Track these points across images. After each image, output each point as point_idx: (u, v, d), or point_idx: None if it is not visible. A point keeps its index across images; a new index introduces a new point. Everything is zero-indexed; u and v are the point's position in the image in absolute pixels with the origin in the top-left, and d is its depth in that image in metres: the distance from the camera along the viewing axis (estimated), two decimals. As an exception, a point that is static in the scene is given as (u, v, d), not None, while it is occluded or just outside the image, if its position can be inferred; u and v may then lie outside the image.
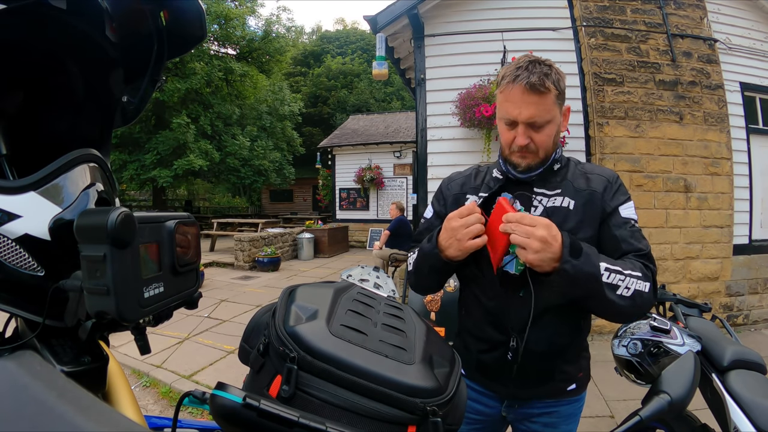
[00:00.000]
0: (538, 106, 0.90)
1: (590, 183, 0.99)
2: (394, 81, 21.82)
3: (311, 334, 0.40)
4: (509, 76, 0.91)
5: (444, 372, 0.45)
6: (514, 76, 0.90)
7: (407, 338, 0.47)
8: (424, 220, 1.16)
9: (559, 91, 0.92)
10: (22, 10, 0.44)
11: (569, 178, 1.00)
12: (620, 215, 0.96)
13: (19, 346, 0.47)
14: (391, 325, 0.48)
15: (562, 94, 0.93)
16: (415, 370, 0.41)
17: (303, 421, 0.32)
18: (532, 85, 0.88)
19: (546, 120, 0.92)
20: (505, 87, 0.92)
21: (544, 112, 0.91)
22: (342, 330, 0.42)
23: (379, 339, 0.44)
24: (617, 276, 0.83)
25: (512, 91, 0.91)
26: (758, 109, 4.55)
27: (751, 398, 1.11)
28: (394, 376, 0.39)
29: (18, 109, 0.55)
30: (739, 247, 4.24)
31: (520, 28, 4.24)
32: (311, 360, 0.39)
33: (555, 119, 0.93)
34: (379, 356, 0.41)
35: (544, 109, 0.91)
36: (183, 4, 0.57)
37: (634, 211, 0.98)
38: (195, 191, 23.83)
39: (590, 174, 1.01)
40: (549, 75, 0.89)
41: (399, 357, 0.42)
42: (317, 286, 0.53)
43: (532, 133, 0.93)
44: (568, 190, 0.99)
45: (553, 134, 0.95)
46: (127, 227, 0.38)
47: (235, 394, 0.33)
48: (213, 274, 7.42)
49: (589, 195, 0.97)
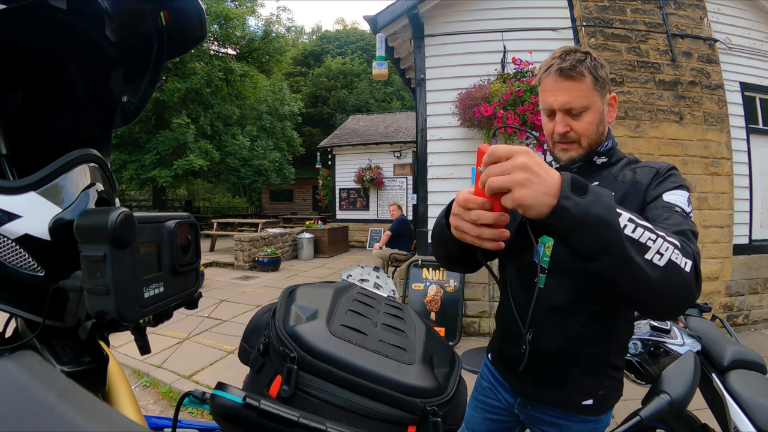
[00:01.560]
0: (573, 91, 0.88)
1: (636, 175, 0.91)
2: (394, 81, 21.82)
3: (311, 334, 0.40)
4: (544, 67, 0.91)
5: (444, 372, 0.45)
6: (548, 65, 0.90)
7: (407, 338, 0.47)
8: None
9: (597, 78, 0.89)
10: (22, 10, 0.44)
11: (613, 172, 0.95)
12: (662, 200, 0.83)
13: (19, 346, 0.47)
14: (391, 325, 0.48)
15: (602, 81, 0.90)
16: (415, 370, 0.41)
17: (303, 421, 0.32)
18: (563, 70, 0.87)
19: (583, 106, 0.89)
20: (542, 78, 0.92)
21: (580, 98, 0.88)
22: (342, 330, 0.43)
23: (379, 339, 0.44)
24: (646, 233, 0.62)
25: (547, 79, 0.90)
26: (758, 109, 4.55)
27: (751, 398, 1.11)
28: (394, 376, 0.39)
29: (18, 109, 0.55)
30: (739, 247, 4.24)
31: (520, 28, 4.23)
32: (311, 360, 0.39)
33: (594, 106, 0.90)
34: (379, 356, 0.41)
35: (580, 95, 0.88)
36: (183, 4, 0.57)
37: (687, 201, 0.83)
38: (195, 191, 23.82)
39: (640, 167, 0.93)
40: (583, 61, 0.88)
41: (399, 357, 0.42)
42: (317, 286, 0.53)
43: (571, 120, 0.90)
44: (607, 181, 0.93)
45: (594, 122, 0.91)
46: (127, 227, 0.38)
47: (235, 394, 0.33)
48: (213, 274, 7.42)
49: (631, 186, 0.89)
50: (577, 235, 0.61)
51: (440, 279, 4.19)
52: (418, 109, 4.53)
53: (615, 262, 0.62)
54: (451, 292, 4.14)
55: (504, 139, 3.98)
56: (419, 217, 4.57)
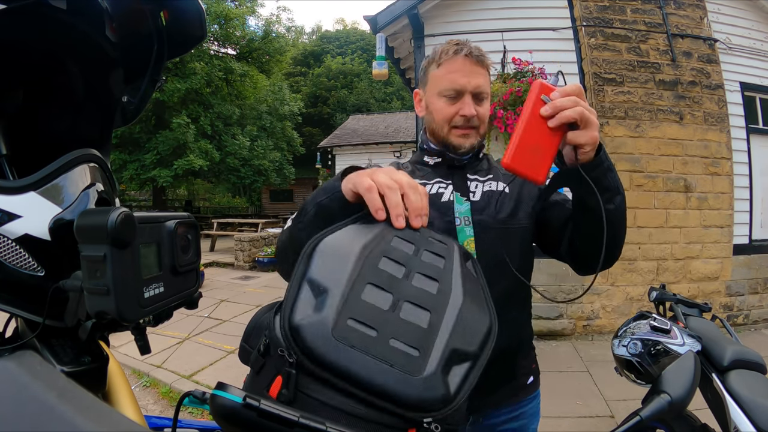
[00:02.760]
0: (484, 77, 0.90)
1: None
2: (394, 81, 21.82)
3: (312, 335, 0.39)
4: (449, 51, 0.90)
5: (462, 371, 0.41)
6: (456, 49, 0.89)
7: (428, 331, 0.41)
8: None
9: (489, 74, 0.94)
10: (22, 10, 0.44)
11: (494, 165, 1.00)
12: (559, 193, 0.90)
13: (19, 346, 0.47)
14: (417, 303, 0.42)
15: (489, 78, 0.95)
16: (423, 382, 0.38)
17: (303, 421, 0.32)
18: (477, 56, 0.88)
19: (487, 93, 0.91)
20: (448, 60, 0.90)
21: (486, 85, 0.91)
22: (348, 331, 0.40)
23: (390, 336, 0.40)
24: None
25: (457, 61, 0.88)
26: (758, 109, 4.55)
27: (751, 398, 1.11)
28: (395, 390, 0.37)
29: (18, 109, 0.55)
30: (739, 247, 4.24)
31: (520, 28, 4.23)
32: (309, 364, 0.38)
33: (489, 97, 0.93)
34: (383, 365, 0.38)
35: (486, 82, 0.91)
36: (183, 4, 0.57)
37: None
38: (195, 191, 23.82)
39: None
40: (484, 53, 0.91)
41: (407, 366, 0.38)
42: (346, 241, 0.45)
43: (477, 106, 0.90)
44: (499, 175, 0.97)
45: (488, 113, 0.94)
46: (127, 227, 0.38)
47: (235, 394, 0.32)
48: (213, 274, 7.42)
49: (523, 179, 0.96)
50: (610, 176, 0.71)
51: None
52: (418, 109, 4.53)
53: (622, 201, 0.73)
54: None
55: (505, 138, 3.98)
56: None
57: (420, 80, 1.00)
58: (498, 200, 0.92)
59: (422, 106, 0.98)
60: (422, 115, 1.00)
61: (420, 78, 1.00)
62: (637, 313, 1.50)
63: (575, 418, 2.53)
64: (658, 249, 3.92)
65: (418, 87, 1.00)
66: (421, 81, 0.99)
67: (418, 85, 1.00)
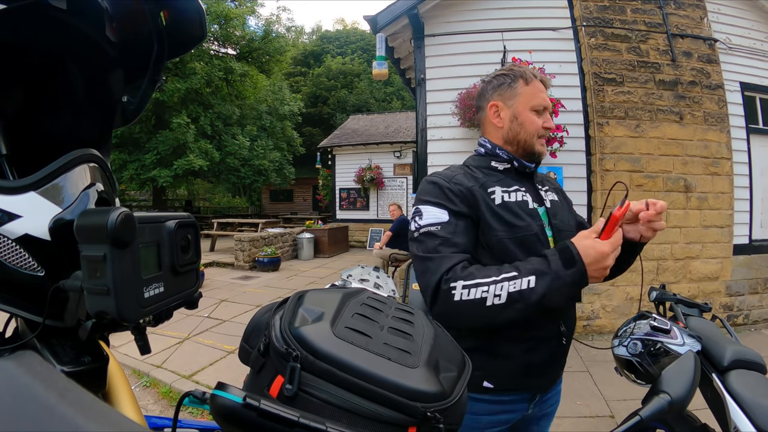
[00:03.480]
0: None
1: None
2: (394, 81, 21.82)
3: (315, 335, 0.40)
4: (529, 73, 1.06)
5: (451, 377, 0.45)
6: (532, 72, 1.06)
7: (413, 342, 0.47)
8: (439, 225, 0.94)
9: None
10: (22, 10, 0.44)
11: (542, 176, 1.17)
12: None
13: (19, 346, 0.47)
14: (398, 328, 0.48)
15: None
16: (418, 374, 0.41)
17: (303, 421, 0.32)
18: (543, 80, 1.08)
19: None
20: (533, 81, 1.06)
21: None
22: (346, 332, 0.42)
23: (383, 342, 0.44)
24: None
25: (538, 83, 1.06)
26: (758, 109, 4.55)
27: (751, 398, 1.11)
28: (395, 379, 0.39)
29: (18, 109, 0.55)
30: (739, 247, 4.24)
31: (520, 28, 4.24)
32: (313, 360, 0.39)
33: None
34: (382, 359, 0.41)
35: None
36: (183, 4, 0.57)
37: None
38: (195, 191, 23.83)
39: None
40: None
41: (402, 360, 0.42)
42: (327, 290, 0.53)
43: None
44: (550, 185, 1.14)
45: None
46: (127, 227, 0.38)
47: (235, 394, 0.33)
48: (213, 274, 7.43)
49: (559, 188, 1.16)
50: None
51: (440, 279, 4.19)
52: (418, 109, 4.53)
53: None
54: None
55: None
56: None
57: (500, 94, 1.07)
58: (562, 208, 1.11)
59: (502, 117, 1.07)
60: (501, 125, 1.07)
61: (501, 92, 1.07)
62: (637, 313, 1.50)
63: (575, 418, 2.53)
64: (658, 249, 3.92)
65: (494, 99, 1.08)
66: (501, 95, 1.07)
67: (493, 97, 1.08)
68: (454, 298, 0.85)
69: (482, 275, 0.86)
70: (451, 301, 0.85)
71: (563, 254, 0.84)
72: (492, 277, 0.84)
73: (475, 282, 0.84)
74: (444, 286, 0.86)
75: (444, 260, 0.89)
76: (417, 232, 0.96)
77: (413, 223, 0.98)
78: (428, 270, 0.90)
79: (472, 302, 0.84)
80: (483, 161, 1.09)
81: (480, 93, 1.13)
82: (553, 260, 0.84)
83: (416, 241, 0.96)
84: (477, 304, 0.83)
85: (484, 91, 1.11)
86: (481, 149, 1.12)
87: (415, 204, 1.02)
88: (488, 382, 1.00)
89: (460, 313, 0.86)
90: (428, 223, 0.95)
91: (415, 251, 0.96)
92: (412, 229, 0.98)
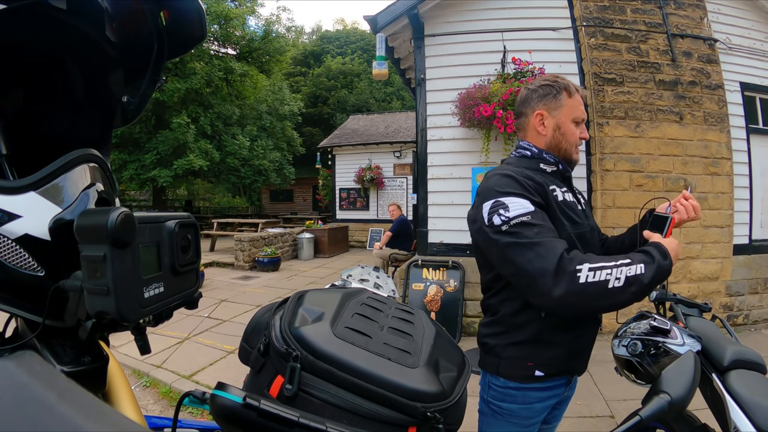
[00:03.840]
0: None
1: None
2: (394, 81, 21.82)
3: (315, 335, 0.40)
4: (572, 86, 1.13)
5: (450, 377, 0.45)
6: (576, 87, 1.13)
7: (413, 342, 0.47)
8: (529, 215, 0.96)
9: None
10: (22, 10, 0.44)
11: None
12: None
13: (19, 346, 0.47)
14: (398, 328, 0.48)
15: None
16: (418, 374, 0.41)
17: (303, 421, 0.32)
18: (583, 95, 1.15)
19: None
20: (575, 94, 1.13)
21: None
22: (346, 332, 0.42)
23: (383, 342, 0.44)
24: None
25: (578, 97, 1.13)
26: (758, 109, 4.55)
27: (751, 398, 1.11)
28: (395, 379, 0.39)
29: (18, 109, 0.55)
30: (739, 247, 4.23)
31: (520, 28, 4.23)
32: (313, 360, 0.39)
33: None
34: (382, 359, 0.41)
35: None
36: (183, 4, 0.57)
37: None
38: (195, 191, 23.82)
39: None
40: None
41: (402, 360, 0.42)
42: (327, 291, 0.53)
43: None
44: (574, 187, 1.23)
45: None
46: (127, 227, 0.38)
47: (235, 394, 0.33)
48: (213, 274, 7.42)
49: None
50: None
51: (440, 279, 4.19)
52: (418, 109, 4.53)
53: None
54: (451, 292, 4.14)
55: (504, 138, 3.98)
56: (419, 217, 4.57)
57: (545, 104, 1.14)
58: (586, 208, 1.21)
59: (546, 126, 1.13)
60: (545, 133, 1.14)
61: (547, 102, 1.13)
62: (637, 313, 1.50)
63: (575, 418, 2.53)
64: (658, 249, 3.91)
65: (539, 108, 1.14)
66: (546, 105, 1.13)
67: (538, 106, 1.14)
68: (579, 280, 0.88)
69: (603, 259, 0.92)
70: (576, 282, 0.88)
71: (659, 249, 0.98)
72: (612, 262, 0.91)
73: (600, 265, 0.90)
74: (569, 267, 0.89)
75: (554, 244, 0.92)
76: (506, 225, 0.96)
77: (497, 217, 0.97)
78: (539, 256, 0.91)
79: (596, 284, 0.88)
80: (532, 163, 1.13)
81: (524, 99, 1.17)
82: (654, 253, 0.96)
83: (507, 234, 0.96)
84: (601, 285, 0.88)
85: (528, 99, 1.16)
86: (526, 152, 1.16)
87: (490, 198, 1.01)
88: (539, 370, 1.07)
89: (586, 294, 0.88)
90: (518, 213, 0.97)
91: (507, 241, 0.95)
92: (498, 222, 0.97)
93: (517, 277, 0.96)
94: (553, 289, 0.88)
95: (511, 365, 1.09)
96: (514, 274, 0.96)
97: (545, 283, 0.90)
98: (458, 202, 4.30)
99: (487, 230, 0.99)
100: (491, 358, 1.13)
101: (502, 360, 1.10)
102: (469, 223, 1.11)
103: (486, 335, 1.16)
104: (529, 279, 0.92)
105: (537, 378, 1.08)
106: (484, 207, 1.01)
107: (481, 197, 1.05)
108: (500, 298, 1.12)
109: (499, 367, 1.11)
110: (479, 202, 1.04)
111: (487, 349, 1.16)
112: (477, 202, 1.06)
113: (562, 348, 1.08)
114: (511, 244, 0.95)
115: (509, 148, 3.94)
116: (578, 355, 1.13)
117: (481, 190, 1.07)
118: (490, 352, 1.14)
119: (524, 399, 1.10)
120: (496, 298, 1.13)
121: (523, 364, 1.08)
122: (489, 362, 1.14)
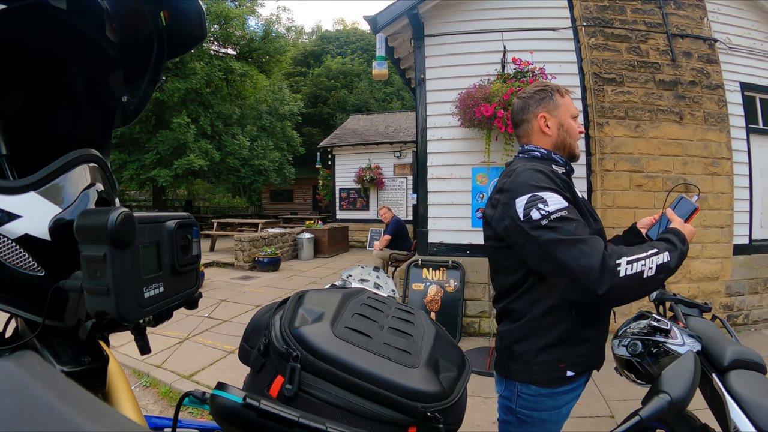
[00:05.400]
0: None
1: None
2: (394, 81, 21.81)
3: (314, 335, 0.40)
4: (562, 88, 1.20)
5: (450, 377, 0.45)
6: (564, 88, 1.20)
7: (414, 342, 0.47)
8: (566, 209, 0.97)
9: None
10: (22, 10, 0.44)
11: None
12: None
13: (19, 346, 0.47)
14: (398, 328, 0.48)
15: None
16: (418, 374, 0.41)
17: (303, 421, 0.32)
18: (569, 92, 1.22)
19: None
20: (566, 94, 1.20)
21: None
22: (346, 332, 0.42)
23: (383, 342, 0.44)
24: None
25: (569, 96, 1.20)
26: (758, 109, 4.55)
27: (751, 398, 1.11)
28: (395, 379, 0.39)
29: (18, 109, 0.55)
30: (739, 247, 4.23)
31: (520, 28, 4.23)
32: (313, 360, 0.39)
33: None
34: (382, 359, 0.41)
35: None
36: (183, 4, 0.57)
37: None
38: (195, 191, 23.80)
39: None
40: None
41: (402, 360, 0.42)
42: (327, 291, 0.53)
43: None
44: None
45: None
46: (127, 227, 0.38)
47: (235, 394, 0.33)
48: (213, 274, 7.42)
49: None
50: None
51: (440, 279, 4.19)
52: (418, 109, 4.53)
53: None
54: (451, 292, 4.14)
55: (505, 138, 3.98)
56: (419, 217, 4.57)
57: (545, 107, 1.18)
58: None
59: (551, 126, 1.18)
60: (551, 133, 1.18)
61: (546, 105, 1.18)
62: (637, 313, 1.50)
63: (575, 418, 2.53)
64: (658, 249, 3.91)
65: (541, 111, 1.18)
66: (546, 107, 1.18)
67: (539, 110, 1.19)
68: (620, 275, 0.90)
69: (635, 251, 0.95)
70: (617, 277, 0.90)
71: (678, 235, 1.03)
72: (643, 253, 0.94)
73: (635, 257, 0.92)
74: (610, 262, 0.90)
75: (595, 241, 0.94)
76: (546, 219, 0.95)
77: (536, 211, 0.96)
78: (584, 253, 0.91)
79: (634, 276, 0.91)
80: (547, 166, 1.13)
81: (522, 107, 1.21)
82: (675, 240, 1.01)
83: (547, 229, 0.95)
84: (637, 277, 0.91)
85: (526, 106, 1.20)
86: (536, 153, 1.18)
87: (524, 192, 1.00)
88: (570, 370, 1.07)
89: (627, 286, 0.91)
90: (557, 207, 0.97)
91: (549, 238, 0.94)
92: (537, 217, 0.95)
93: (558, 274, 0.95)
94: (598, 286, 0.89)
95: (544, 370, 1.06)
96: (555, 271, 0.95)
97: (591, 281, 0.90)
98: (458, 202, 4.30)
99: (524, 226, 0.97)
100: (521, 366, 1.08)
101: (534, 366, 1.06)
102: (491, 222, 1.08)
103: (511, 342, 1.10)
104: (573, 276, 0.91)
105: (567, 379, 1.07)
106: (518, 202, 0.99)
107: (510, 193, 1.02)
108: (528, 300, 1.07)
109: (531, 374, 1.06)
110: (508, 199, 1.02)
111: (514, 357, 1.10)
112: (503, 199, 1.03)
113: (592, 343, 1.10)
114: (553, 240, 0.93)
115: (509, 148, 3.94)
116: (601, 348, 1.16)
117: (508, 186, 1.04)
118: (518, 359, 1.09)
119: (555, 404, 1.08)
120: (521, 300, 1.08)
121: (556, 366, 1.06)
122: (519, 371, 1.09)
